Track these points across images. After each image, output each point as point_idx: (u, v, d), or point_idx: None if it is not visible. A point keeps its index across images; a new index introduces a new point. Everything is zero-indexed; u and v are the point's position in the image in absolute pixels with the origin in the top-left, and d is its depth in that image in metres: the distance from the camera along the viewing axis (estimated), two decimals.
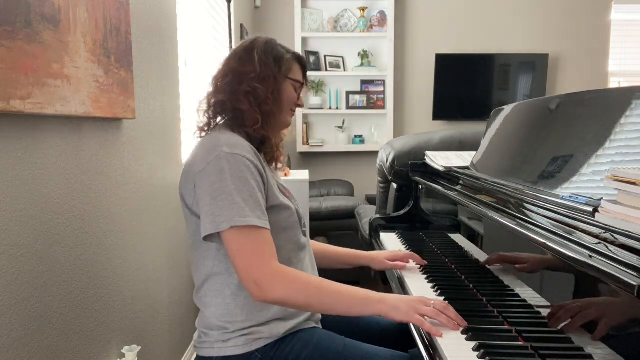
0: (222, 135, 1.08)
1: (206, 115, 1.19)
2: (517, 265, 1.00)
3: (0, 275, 0.89)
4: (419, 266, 1.37)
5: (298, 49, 4.10)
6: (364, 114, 4.20)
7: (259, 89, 1.12)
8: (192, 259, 1.14)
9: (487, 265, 1.14)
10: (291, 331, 1.09)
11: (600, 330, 0.69)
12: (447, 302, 1.00)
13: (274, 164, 1.26)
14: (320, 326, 1.17)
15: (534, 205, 0.99)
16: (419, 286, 1.22)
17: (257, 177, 1.04)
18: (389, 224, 1.89)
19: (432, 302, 0.96)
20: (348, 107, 4.19)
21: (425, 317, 0.94)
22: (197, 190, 1.03)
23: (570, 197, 0.90)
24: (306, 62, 1.28)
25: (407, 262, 1.37)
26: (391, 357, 1.09)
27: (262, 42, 1.19)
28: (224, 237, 0.99)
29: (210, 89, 1.20)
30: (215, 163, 1.01)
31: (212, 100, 1.17)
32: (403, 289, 1.24)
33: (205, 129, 1.20)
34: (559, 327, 0.80)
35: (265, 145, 1.19)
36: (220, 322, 1.08)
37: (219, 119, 1.19)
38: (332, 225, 3.31)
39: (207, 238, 1.02)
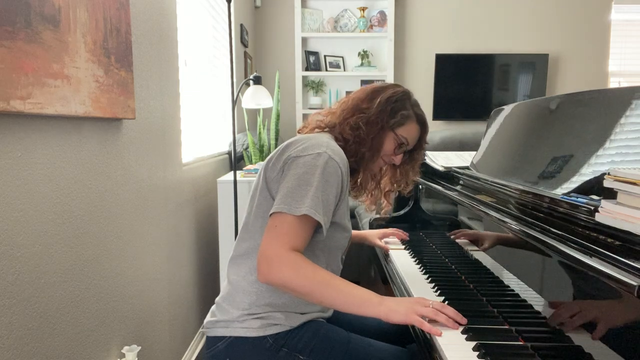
0: (330, 141, 1.15)
1: (318, 122, 1.27)
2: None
3: (0, 275, 0.89)
4: (419, 267, 1.37)
5: (298, 49, 4.10)
6: None
7: (361, 129, 1.20)
8: (243, 227, 1.18)
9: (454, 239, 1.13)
10: (304, 322, 1.12)
11: (600, 330, 0.69)
12: (446, 302, 1.00)
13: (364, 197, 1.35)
14: (325, 321, 1.19)
15: (534, 205, 0.99)
16: (420, 286, 1.22)
17: (338, 190, 1.10)
18: (389, 224, 1.89)
19: (431, 303, 0.96)
20: None
21: (425, 318, 0.94)
22: (286, 172, 1.08)
23: (570, 197, 0.90)
24: (427, 127, 1.31)
25: (399, 237, 1.65)
26: (392, 350, 1.13)
27: (395, 91, 1.25)
28: (278, 214, 1.03)
29: (336, 105, 1.29)
30: (315, 157, 1.07)
31: (325, 118, 1.26)
32: (404, 288, 1.24)
33: (307, 129, 1.28)
34: (558, 327, 0.80)
35: (353, 176, 1.27)
36: (245, 298, 1.11)
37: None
38: None
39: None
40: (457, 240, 1.41)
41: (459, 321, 0.94)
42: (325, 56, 4.22)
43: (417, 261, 1.43)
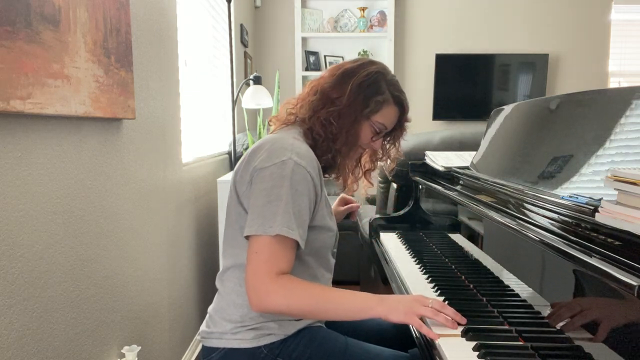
0: (295, 142, 1.06)
1: (287, 113, 1.18)
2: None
3: (0, 275, 0.89)
4: (419, 267, 1.37)
5: (298, 49, 4.11)
6: None
7: (333, 125, 1.10)
8: (225, 240, 1.14)
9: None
10: (299, 330, 1.10)
11: (600, 330, 0.69)
12: (446, 302, 1.00)
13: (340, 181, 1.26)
14: (324, 326, 1.18)
15: (534, 205, 0.99)
16: (420, 287, 1.22)
17: (312, 195, 1.03)
18: (389, 224, 1.89)
19: (430, 302, 0.96)
20: None
21: (424, 318, 0.94)
22: (254, 187, 1.03)
23: (570, 197, 0.90)
24: (407, 106, 1.21)
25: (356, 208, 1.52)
26: (392, 357, 1.10)
27: (367, 72, 1.13)
28: (255, 237, 0.99)
29: (305, 91, 1.18)
30: (280, 167, 1.00)
31: (295, 108, 1.16)
32: (404, 288, 1.24)
33: (279, 122, 1.19)
34: (559, 327, 0.80)
35: (329, 171, 1.19)
36: (236, 311, 1.08)
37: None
38: None
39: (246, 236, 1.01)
40: (457, 240, 1.41)
41: (459, 321, 0.93)
42: (325, 56, 4.22)
43: (417, 261, 1.43)
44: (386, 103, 1.15)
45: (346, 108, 1.11)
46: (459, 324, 0.93)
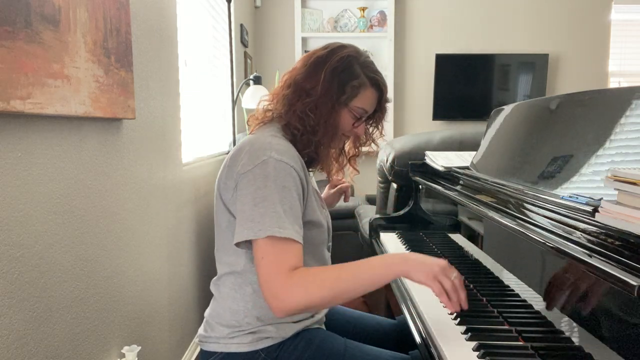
0: (273, 139, 1.04)
1: (264, 111, 1.16)
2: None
3: (1, 275, 0.89)
4: None
5: (298, 49, 4.10)
6: None
7: (310, 117, 1.07)
8: (217, 247, 1.12)
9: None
10: (297, 332, 1.09)
11: (599, 330, 0.69)
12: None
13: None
14: (323, 327, 1.17)
15: (534, 205, 0.99)
16: (419, 286, 1.21)
17: (299, 189, 1.01)
18: (389, 224, 1.89)
19: (454, 275, 0.94)
20: None
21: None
22: (239, 192, 1.00)
23: (570, 197, 0.90)
24: (385, 87, 1.16)
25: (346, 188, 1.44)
26: (392, 358, 1.09)
27: (339, 57, 1.10)
28: (255, 243, 0.97)
29: (279, 84, 1.15)
30: (261, 167, 0.98)
31: (272, 104, 1.14)
32: (404, 288, 1.24)
33: (257, 122, 1.17)
34: (558, 327, 0.80)
35: (313, 164, 1.16)
36: (232, 317, 1.07)
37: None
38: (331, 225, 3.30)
39: (237, 243, 0.99)
40: (457, 241, 1.41)
41: (464, 307, 0.93)
42: None
43: None
44: (363, 87, 1.12)
45: (322, 98, 1.08)
46: (460, 314, 0.93)
